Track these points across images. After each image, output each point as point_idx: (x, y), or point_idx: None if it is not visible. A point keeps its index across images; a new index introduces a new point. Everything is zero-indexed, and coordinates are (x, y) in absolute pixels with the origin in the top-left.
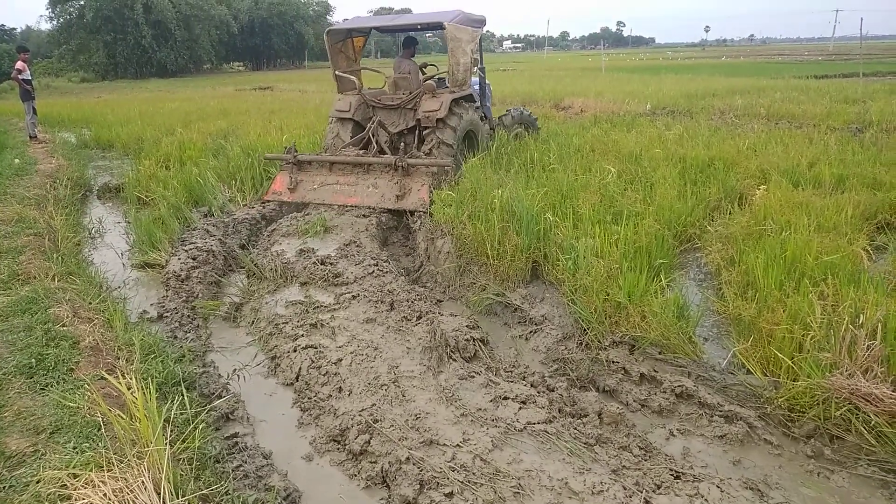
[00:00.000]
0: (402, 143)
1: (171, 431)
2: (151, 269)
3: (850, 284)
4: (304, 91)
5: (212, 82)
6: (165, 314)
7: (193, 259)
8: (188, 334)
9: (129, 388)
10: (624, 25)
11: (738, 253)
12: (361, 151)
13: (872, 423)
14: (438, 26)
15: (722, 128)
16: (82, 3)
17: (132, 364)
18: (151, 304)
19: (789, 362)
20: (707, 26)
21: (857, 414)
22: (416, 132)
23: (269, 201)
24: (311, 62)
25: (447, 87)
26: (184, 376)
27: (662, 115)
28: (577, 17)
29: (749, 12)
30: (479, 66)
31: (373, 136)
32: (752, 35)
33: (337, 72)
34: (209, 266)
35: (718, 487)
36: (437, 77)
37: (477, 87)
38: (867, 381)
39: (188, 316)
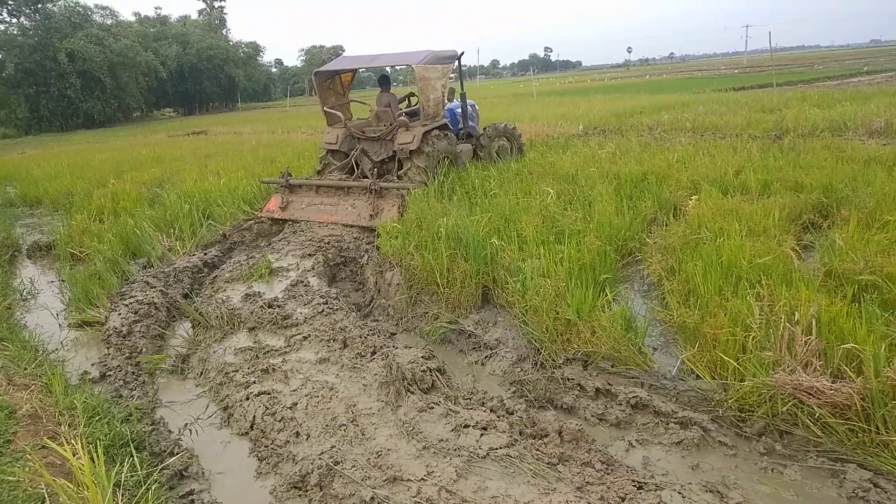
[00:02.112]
0: (385, 170)
1: (123, 496)
2: (90, 327)
3: (783, 284)
4: (239, 133)
5: (143, 130)
6: (108, 373)
7: (135, 313)
8: (134, 392)
9: (74, 455)
10: (551, 51)
11: (677, 262)
12: (345, 176)
13: (817, 415)
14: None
15: (652, 143)
16: (0, 57)
17: (76, 429)
18: (93, 364)
19: (735, 364)
20: (629, 47)
21: (801, 408)
22: (396, 160)
23: (262, 218)
24: (243, 103)
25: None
26: (132, 436)
27: (595, 134)
28: (507, 45)
29: (667, 32)
30: (461, 91)
31: (357, 163)
32: (671, 53)
33: (325, 108)
34: (151, 319)
35: (680, 493)
36: (412, 109)
37: (459, 110)
38: (808, 375)
39: (132, 373)
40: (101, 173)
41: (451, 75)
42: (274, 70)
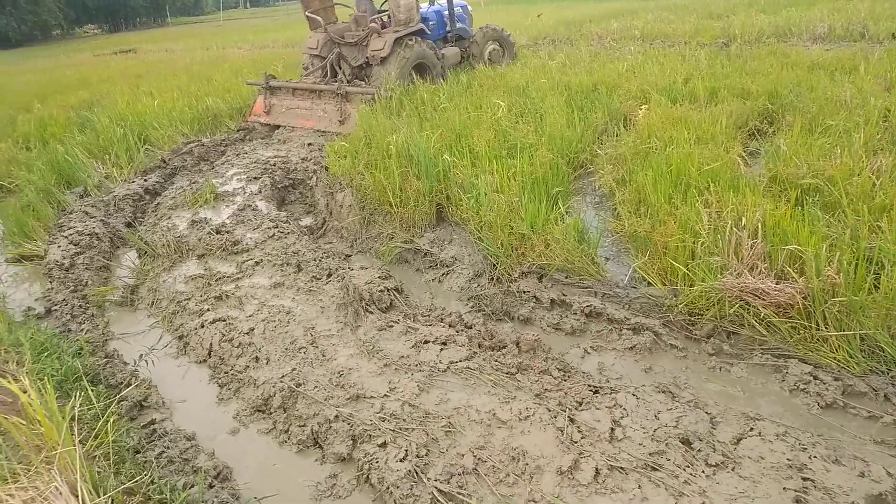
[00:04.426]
0: (363, 75)
1: (81, 430)
2: (29, 261)
3: (730, 190)
4: (170, 51)
5: (65, 49)
6: (54, 308)
7: (75, 245)
8: (83, 325)
9: (23, 391)
10: None
11: (628, 172)
12: (318, 80)
13: (762, 315)
14: None
15: (601, 52)
16: None
17: (23, 366)
18: (36, 300)
19: (685, 270)
20: None
21: (748, 309)
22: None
23: (249, 122)
24: (173, 18)
25: None
26: (85, 370)
27: (544, 44)
28: None
29: None
30: None
31: (335, 67)
32: None
33: (307, 12)
34: (94, 250)
35: (634, 395)
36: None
37: (446, 12)
38: (754, 277)
39: (80, 306)
40: (24, 97)
41: None
42: None
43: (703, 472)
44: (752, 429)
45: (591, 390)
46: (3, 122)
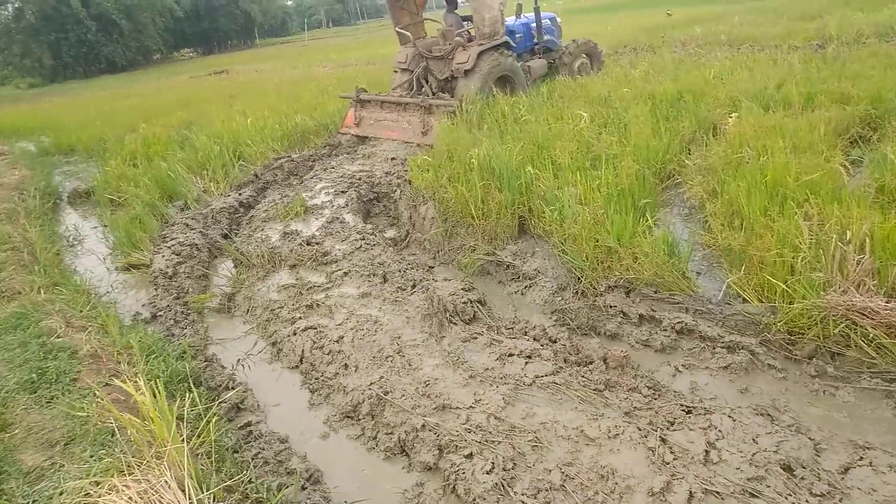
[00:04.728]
0: (448, 88)
1: (185, 428)
2: (136, 269)
3: (833, 202)
4: (259, 70)
5: (165, 73)
6: (159, 313)
7: (178, 255)
8: (185, 330)
9: (138, 391)
10: None
11: (719, 183)
12: (405, 93)
13: (871, 336)
14: None
15: (686, 59)
16: (18, 5)
17: (134, 367)
18: (143, 305)
19: (783, 286)
20: None
21: (855, 329)
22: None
23: (343, 134)
24: (261, 39)
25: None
26: (188, 373)
27: (625, 52)
28: None
29: None
30: (534, 5)
31: (422, 81)
32: None
33: (397, 28)
34: (195, 260)
35: (730, 417)
36: (468, 30)
37: (534, 25)
38: (861, 295)
39: (182, 312)
40: (130, 119)
41: None
42: (289, 3)
43: (806, 501)
44: (861, 458)
45: (683, 410)
46: (113, 142)
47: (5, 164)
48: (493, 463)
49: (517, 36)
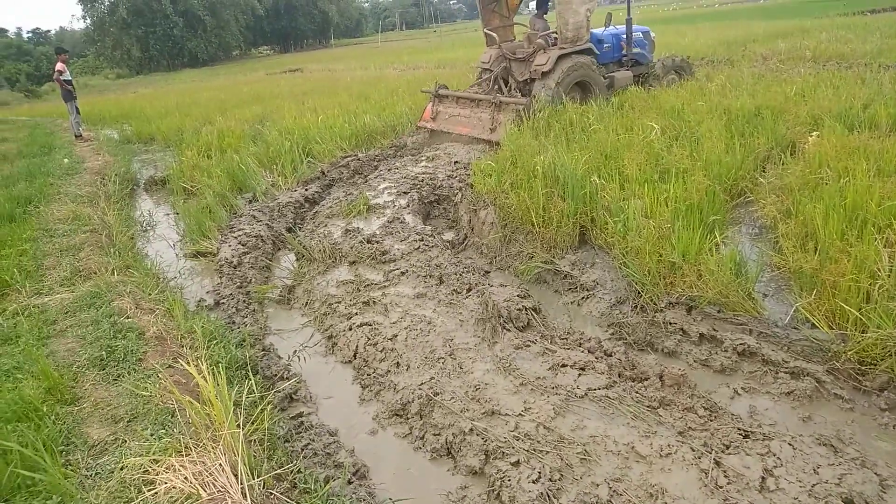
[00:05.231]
0: (528, 90)
1: (241, 414)
2: (203, 257)
3: None
4: (332, 70)
5: (242, 68)
6: (222, 301)
7: (243, 245)
8: (245, 319)
9: (200, 374)
10: None
11: (794, 204)
12: (482, 91)
13: None
14: None
15: (766, 74)
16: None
17: (196, 351)
18: (207, 292)
19: (857, 314)
20: None
21: None
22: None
23: (421, 128)
24: (336, 40)
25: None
26: (247, 360)
27: (702, 65)
28: None
29: None
30: (627, 17)
31: (502, 81)
32: None
33: (485, 29)
34: (259, 251)
35: (790, 445)
36: (553, 34)
37: (611, 37)
38: None
39: (244, 301)
40: (207, 111)
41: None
42: (366, 5)
43: None
44: None
45: (740, 434)
46: (190, 133)
47: (91, 150)
48: (539, 472)
49: (605, 45)
